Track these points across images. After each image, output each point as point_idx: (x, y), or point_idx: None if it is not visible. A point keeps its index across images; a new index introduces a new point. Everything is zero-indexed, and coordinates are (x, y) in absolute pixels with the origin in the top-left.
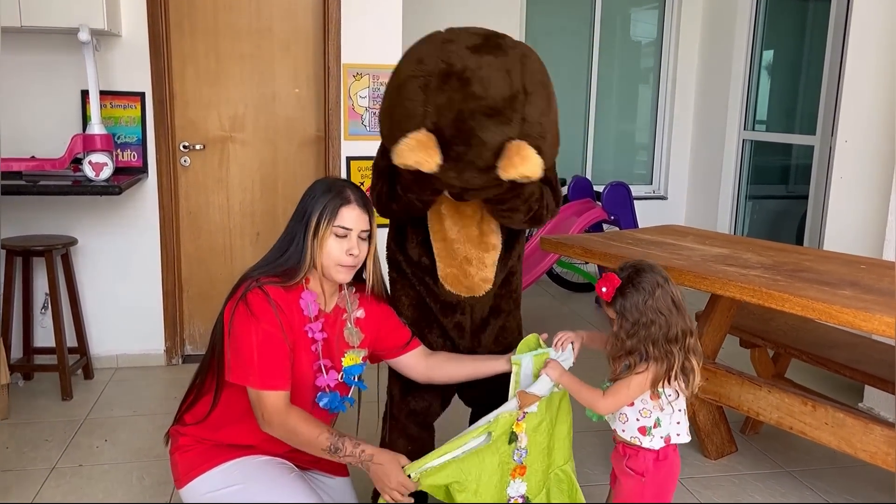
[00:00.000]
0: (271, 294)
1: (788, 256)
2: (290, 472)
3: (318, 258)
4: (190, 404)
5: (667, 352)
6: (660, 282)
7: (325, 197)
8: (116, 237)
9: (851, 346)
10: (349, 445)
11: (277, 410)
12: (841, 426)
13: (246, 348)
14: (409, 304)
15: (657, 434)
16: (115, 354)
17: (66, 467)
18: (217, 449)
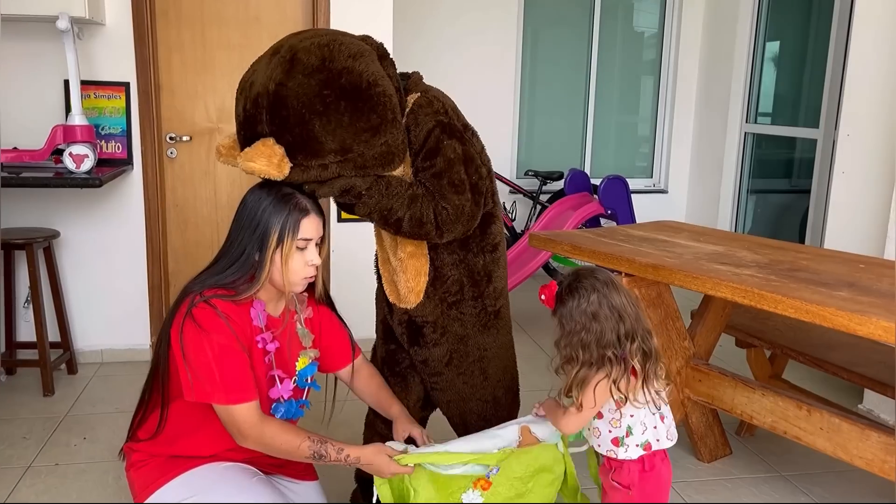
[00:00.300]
0: (219, 307)
1: (785, 255)
2: (252, 475)
3: (280, 274)
4: (140, 420)
5: (601, 356)
6: (597, 286)
7: (280, 209)
8: (101, 230)
9: (851, 346)
10: (332, 451)
11: (252, 423)
12: (837, 432)
13: (203, 364)
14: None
15: (631, 443)
16: (100, 349)
17: (42, 466)
18: (173, 461)
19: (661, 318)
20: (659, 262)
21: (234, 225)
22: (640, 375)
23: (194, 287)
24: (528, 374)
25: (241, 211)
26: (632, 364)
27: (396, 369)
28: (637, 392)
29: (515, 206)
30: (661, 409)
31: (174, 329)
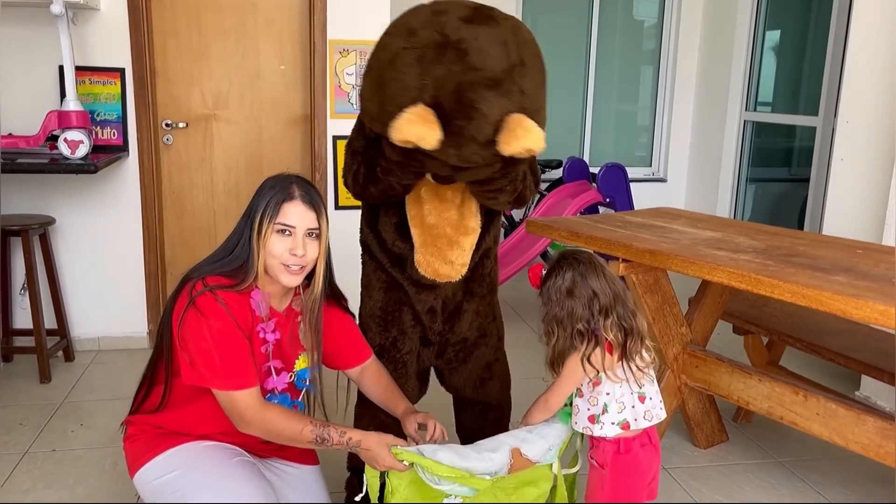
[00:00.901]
0: (220, 294)
1: (782, 240)
2: (233, 456)
3: (262, 258)
4: (145, 395)
5: (574, 330)
6: (574, 266)
7: (269, 193)
8: (97, 217)
9: (848, 333)
10: (335, 435)
11: (253, 409)
12: (833, 417)
13: (203, 350)
14: (379, 288)
15: (607, 421)
16: (97, 336)
17: (39, 452)
18: (163, 436)
19: (659, 304)
20: (656, 248)
21: (241, 216)
22: (617, 351)
23: (194, 274)
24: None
25: (250, 202)
26: (605, 339)
27: (397, 356)
28: (615, 367)
29: None
30: (644, 388)
31: (175, 315)
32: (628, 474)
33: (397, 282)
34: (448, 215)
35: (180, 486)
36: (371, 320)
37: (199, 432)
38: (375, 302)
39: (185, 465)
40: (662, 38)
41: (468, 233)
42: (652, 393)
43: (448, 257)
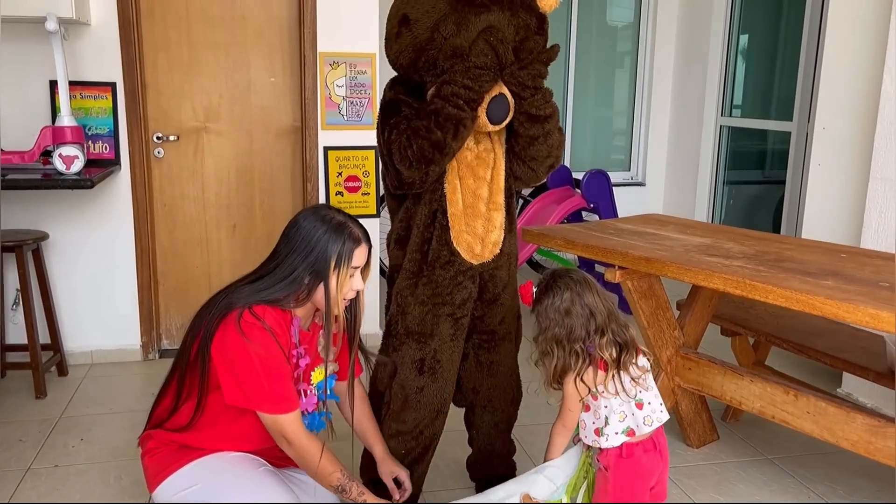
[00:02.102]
0: (267, 320)
1: (769, 245)
2: (258, 466)
3: (323, 297)
4: (172, 410)
5: (571, 350)
6: (570, 285)
7: (336, 238)
8: (89, 231)
9: (832, 333)
10: (355, 492)
11: (298, 432)
12: (823, 415)
13: (252, 375)
14: (415, 303)
15: (610, 432)
16: (90, 350)
17: (42, 468)
18: (184, 450)
19: (653, 309)
20: (652, 255)
21: (283, 246)
22: (610, 367)
23: (239, 301)
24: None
25: (294, 234)
26: (599, 357)
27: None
28: (607, 383)
29: None
30: (641, 395)
31: (219, 339)
32: (630, 477)
33: (433, 288)
34: (481, 192)
35: (209, 496)
36: (409, 338)
37: (223, 448)
38: (412, 319)
39: (213, 476)
40: (639, 44)
41: (498, 209)
42: (650, 398)
43: (482, 236)
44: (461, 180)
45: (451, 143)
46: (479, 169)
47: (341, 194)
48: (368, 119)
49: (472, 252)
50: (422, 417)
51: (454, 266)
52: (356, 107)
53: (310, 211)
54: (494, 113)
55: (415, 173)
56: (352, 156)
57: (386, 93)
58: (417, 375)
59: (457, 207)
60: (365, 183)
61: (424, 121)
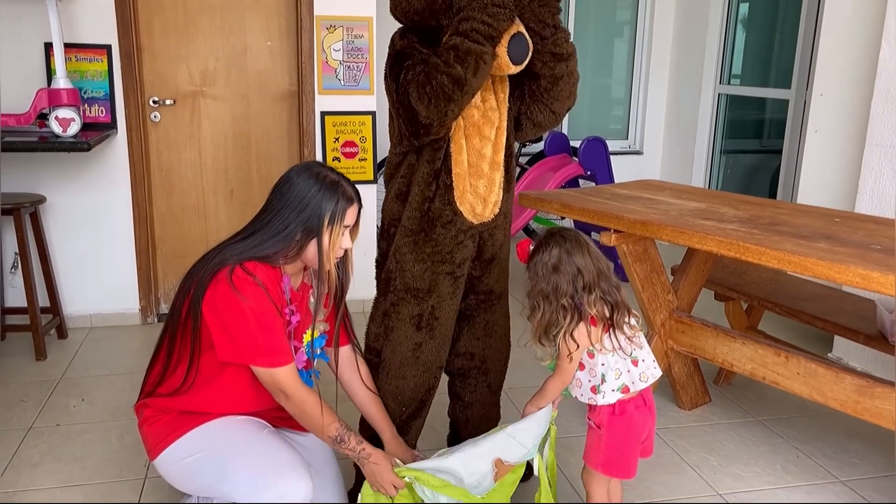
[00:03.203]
0: (259, 276)
1: (764, 210)
2: (262, 428)
3: (315, 254)
4: (163, 377)
5: (558, 305)
6: (560, 243)
7: (330, 196)
8: (86, 195)
9: (823, 298)
10: (353, 441)
11: (295, 385)
12: (812, 376)
13: (246, 330)
14: (413, 260)
15: (607, 389)
16: (89, 314)
17: (43, 427)
18: (184, 417)
19: (647, 273)
20: (647, 219)
21: (276, 201)
22: (601, 323)
23: (231, 258)
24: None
25: (287, 190)
26: (589, 313)
27: (435, 324)
28: (602, 339)
29: None
30: (635, 353)
31: (210, 295)
32: (623, 433)
33: (433, 246)
34: (485, 152)
35: (215, 462)
36: (407, 294)
37: (221, 412)
38: (411, 275)
39: (218, 440)
40: (638, 11)
41: (499, 168)
42: (644, 355)
43: (484, 195)
44: (467, 140)
45: (472, 79)
46: (484, 128)
47: (338, 160)
48: (366, 84)
49: (474, 212)
50: (419, 374)
51: (455, 225)
52: (353, 71)
53: (302, 167)
54: (515, 52)
55: (433, 112)
56: (349, 121)
57: (396, 42)
58: (415, 331)
59: (462, 167)
60: (362, 149)
61: (443, 56)
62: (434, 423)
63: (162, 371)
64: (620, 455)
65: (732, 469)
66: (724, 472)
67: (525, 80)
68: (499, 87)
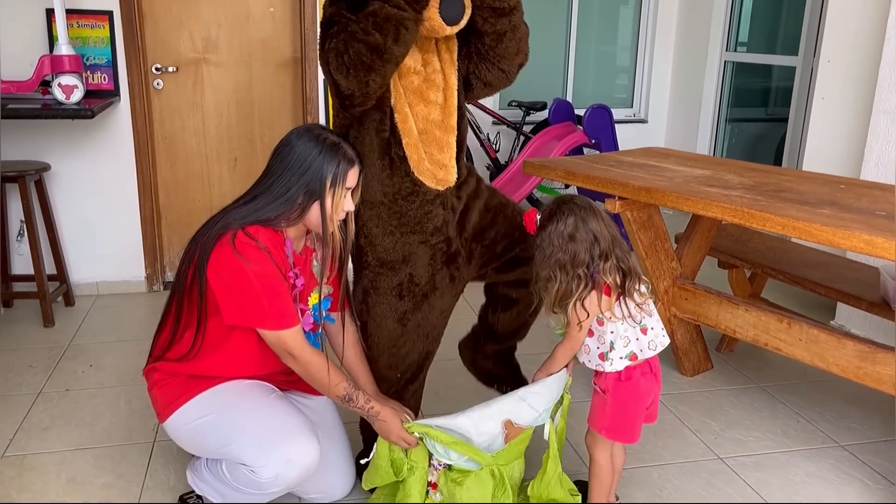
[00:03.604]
0: (261, 240)
1: (769, 177)
2: (270, 392)
3: (317, 217)
4: (172, 341)
5: (574, 275)
6: (575, 210)
7: (331, 159)
8: (90, 163)
9: (826, 265)
10: (361, 399)
11: (301, 346)
12: (815, 342)
13: (251, 294)
14: (382, 234)
15: (615, 357)
16: (96, 282)
17: (53, 392)
18: (193, 380)
19: (651, 240)
20: (652, 186)
21: (276, 165)
22: (615, 292)
23: (234, 223)
24: None
25: (288, 153)
26: (603, 282)
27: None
28: (613, 308)
29: (499, 138)
30: (644, 321)
31: (214, 260)
32: (629, 399)
33: (399, 218)
34: (434, 117)
35: (224, 425)
36: (382, 268)
37: (230, 375)
38: (382, 249)
39: (227, 403)
40: None
41: (452, 131)
42: (653, 323)
43: (441, 161)
44: (411, 108)
45: (392, 47)
46: (429, 93)
47: None
48: None
49: (436, 178)
50: (412, 342)
51: (419, 196)
52: None
53: (302, 130)
54: (449, 12)
55: (353, 83)
56: None
57: (326, 9)
58: (398, 301)
59: (411, 137)
60: None
61: (362, 24)
62: (438, 388)
63: (170, 336)
64: (625, 420)
65: (733, 434)
66: (725, 437)
67: (471, 39)
68: (443, 47)
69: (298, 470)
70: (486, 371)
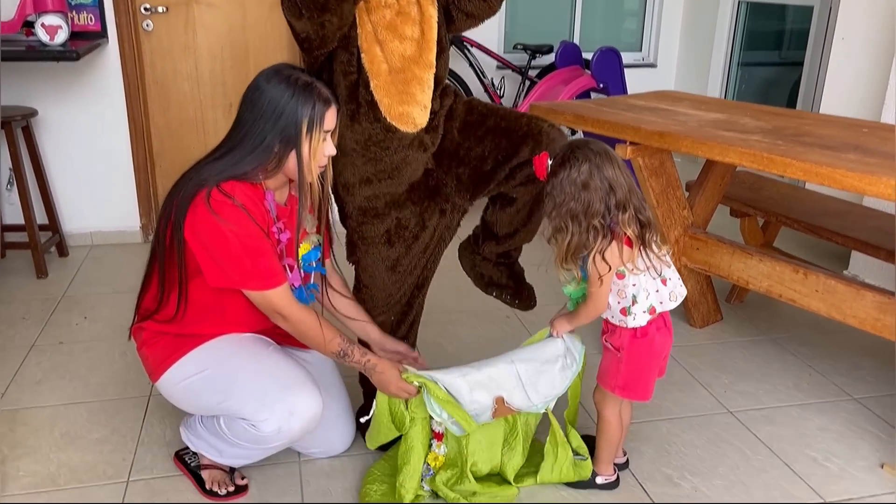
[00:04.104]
0: (238, 196)
1: (788, 121)
2: (267, 345)
3: (296, 165)
4: (160, 304)
5: (588, 226)
6: (590, 157)
7: (305, 101)
8: (80, 108)
9: (843, 213)
10: (357, 354)
11: (289, 304)
12: (832, 293)
13: (232, 255)
14: (359, 183)
15: (638, 311)
16: (89, 232)
17: (46, 344)
18: (183, 338)
19: (663, 188)
20: (665, 130)
21: (247, 113)
22: (636, 244)
23: (208, 180)
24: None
25: (258, 99)
26: (623, 233)
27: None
28: (636, 259)
29: (504, 82)
30: (663, 272)
31: (191, 220)
32: (644, 356)
33: (375, 165)
34: (410, 54)
35: (220, 380)
36: (363, 216)
37: (222, 333)
38: (362, 198)
39: (222, 359)
40: None
41: (429, 67)
42: (671, 274)
43: (417, 98)
44: (382, 45)
45: None
46: (404, 27)
47: None
48: None
49: (412, 121)
50: (407, 285)
51: (393, 142)
52: None
53: (271, 72)
54: None
55: (307, 25)
56: None
57: None
58: (388, 248)
59: (381, 78)
60: None
61: None
62: (441, 340)
63: (157, 297)
64: (640, 378)
65: (743, 387)
66: (735, 390)
67: None
68: None
69: (302, 423)
70: (486, 277)
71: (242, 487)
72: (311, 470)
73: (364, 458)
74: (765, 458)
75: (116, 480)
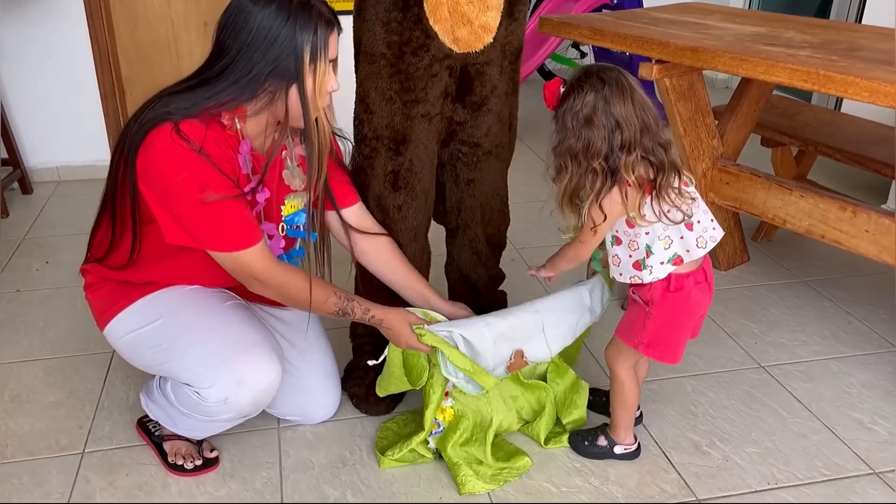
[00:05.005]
0: (204, 143)
1: (838, 34)
2: (225, 300)
3: (299, 105)
4: (111, 248)
5: (588, 167)
6: (598, 87)
7: (304, 23)
8: (37, 30)
9: (889, 140)
10: (359, 310)
11: (267, 268)
12: (885, 233)
13: (189, 207)
14: (383, 100)
15: (655, 262)
16: (56, 166)
17: (3, 293)
18: (130, 286)
19: (691, 113)
20: (699, 45)
21: (230, 41)
22: (640, 190)
23: (176, 114)
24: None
25: (243, 24)
26: (626, 178)
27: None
28: (642, 207)
29: None
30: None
31: (142, 163)
32: (676, 313)
33: (401, 81)
34: None
35: (165, 336)
36: (379, 143)
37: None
38: (380, 119)
39: (170, 313)
40: None
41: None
42: (699, 215)
43: (468, 15)
44: None
45: None
46: None
47: None
48: None
49: (453, 35)
50: (405, 241)
51: (429, 52)
52: None
53: None
54: None
55: None
56: None
57: None
58: (392, 192)
59: None
60: None
61: None
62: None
63: (109, 240)
64: (669, 337)
65: (775, 337)
66: (766, 341)
67: None
68: None
69: (251, 393)
70: None
71: (212, 461)
72: (291, 438)
73: (350, 424)
74: (803, 422)
75: (70, 452)
